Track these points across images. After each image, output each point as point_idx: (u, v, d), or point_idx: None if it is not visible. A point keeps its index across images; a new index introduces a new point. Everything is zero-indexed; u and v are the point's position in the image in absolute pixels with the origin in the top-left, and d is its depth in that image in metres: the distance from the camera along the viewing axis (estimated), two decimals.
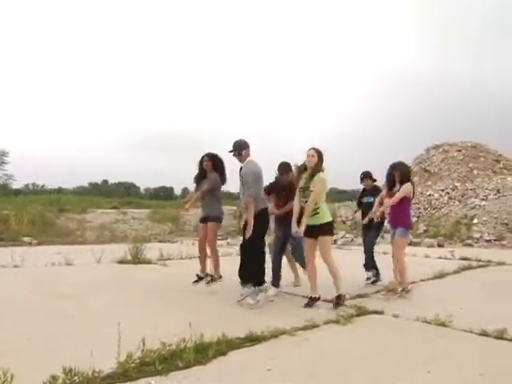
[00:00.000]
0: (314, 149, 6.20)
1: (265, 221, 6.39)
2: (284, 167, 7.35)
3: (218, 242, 8.50)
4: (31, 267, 9.58)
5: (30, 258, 10.28)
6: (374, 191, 8.26)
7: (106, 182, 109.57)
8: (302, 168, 6.30)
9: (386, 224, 7.55)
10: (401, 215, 6.91)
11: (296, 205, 6.27)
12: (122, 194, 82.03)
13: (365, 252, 8.25)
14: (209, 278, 7.25)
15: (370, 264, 8.11)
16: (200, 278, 7.32)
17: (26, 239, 16.47)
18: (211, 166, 7.29)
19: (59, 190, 61.73)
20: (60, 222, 21.37)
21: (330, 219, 6.24)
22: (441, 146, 27.12)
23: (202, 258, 7.42)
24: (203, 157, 7.36)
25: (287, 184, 7.03)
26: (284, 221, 6.84)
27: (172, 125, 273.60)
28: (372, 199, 8.14)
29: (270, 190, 7.28)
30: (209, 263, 7.44)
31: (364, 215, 8.17)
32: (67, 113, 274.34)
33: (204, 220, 7.36)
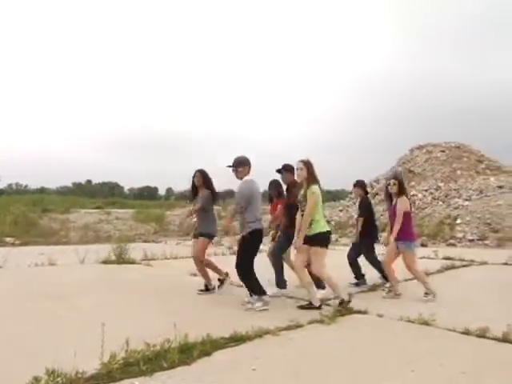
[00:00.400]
0: (301, 161, 6.16)
1: (257, 241, 6.32)
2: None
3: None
4: (14, 268, 9.50)
5: (13, 258, 10.20)
6: (360, 205, 8.26)
7: (89, 181, 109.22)
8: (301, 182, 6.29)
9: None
10: (402, 229, 6.84)
11: (298, 218, 6.27)
12: (105, 194, 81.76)
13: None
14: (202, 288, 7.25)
15: (377, 268, 8.05)
16: (207, 289, 7.26)
17: (8, 239, 16.34)
18: (202, 181, 7.28)
19: (42, 190, 61.36)
20: (43, 223, 21.21)
21: (321, 230, 6.14)
22: (424, 147, 27.33)
23: (201, 272, 7.35)
24: (195, 172, 7.34)
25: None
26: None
27: (157, 125, 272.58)
28: (358, 211, 8.26)
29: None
30: (210, 272, 7.37)
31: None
32: (51, 112, 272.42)
33: (197, 236, 7.36)
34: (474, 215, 18.88)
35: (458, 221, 18.88)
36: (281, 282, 7.09)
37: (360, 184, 8.33)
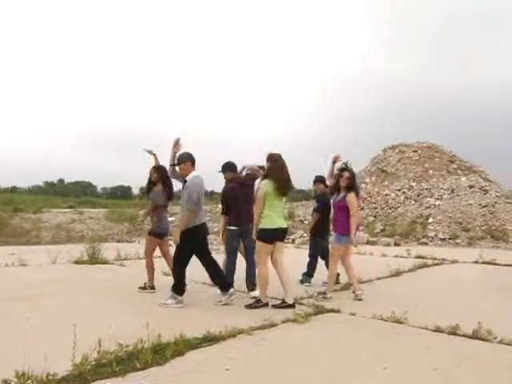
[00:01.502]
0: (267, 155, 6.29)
1: (195, 237, 6.27)
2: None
3: None
4: None
5: None
6: (319, 198, 8.30)
7: (62, 181, 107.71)
8: None
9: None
10: (342, 222, 6.84)
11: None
12: (78, 193, 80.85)
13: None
14: (142, 285, 7.24)
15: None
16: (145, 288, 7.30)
17: None
18: (157, 178, 7.22)
19: (13, 189, 60.41)
20: (14, 222, 20.86)
21: (264, 226, 6.16)
22: (397, 147, 27.57)
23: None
24: (151, 168, 7.31)
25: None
26: None
27: (130, 124, 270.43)
28: (316, 205, 8.31)
29: None
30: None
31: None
32: (21, 109, 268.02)
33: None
34: (446, 214, 19.14)
35: (430, 220, 19.12)
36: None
37: (321, 179, 8.31)
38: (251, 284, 6.89)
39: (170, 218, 7.82)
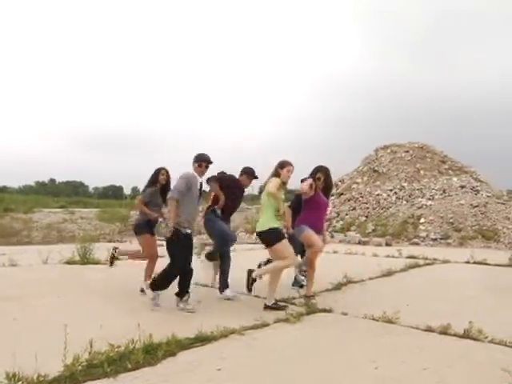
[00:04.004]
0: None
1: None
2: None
3: None
4: None
5: None
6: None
7: (53, 180, 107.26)
8: None
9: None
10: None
11: None
12: (70, 193, 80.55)
13: None
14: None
15: None
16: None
17: None
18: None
19: (3, 189, 60.08)
20: (4, 222, 20.77)
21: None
22: (389, 147, 27.64)
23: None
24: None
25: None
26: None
27: (122, 123, 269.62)
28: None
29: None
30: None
31: None
32: (12, 109, 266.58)
33: None
34: (437, 215, 19.21)
35: (422, 220, 19.18)
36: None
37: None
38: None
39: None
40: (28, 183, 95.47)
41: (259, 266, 6.88)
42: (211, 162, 6.36)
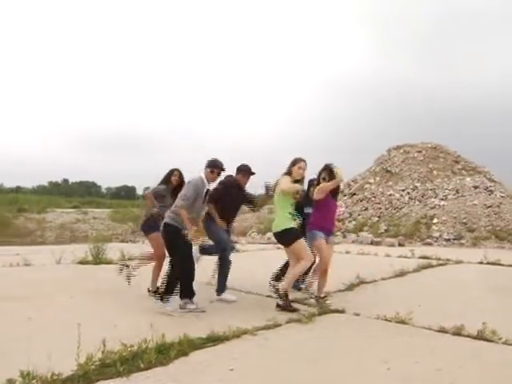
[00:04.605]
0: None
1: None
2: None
3: None
4: None
5: None
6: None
7: (66, 181, 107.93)
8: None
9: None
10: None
11: None
12: (82, 193, 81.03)
13: None
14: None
15: None
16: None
17: None
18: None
19: (18, 189, 60.53)
20: (18, 222, 20.92)
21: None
22: (402, 147, 27.53)
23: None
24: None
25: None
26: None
27: (135, 124, 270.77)
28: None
29: None
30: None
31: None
32: (27, 111, 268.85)
33: None
34: (450, 215, 19.11)
35: (435, 220, 19.09)
36: None
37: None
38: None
39: None
40: (41, 183, 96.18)
41: (277, 279, 6.75)
42: (224, 170, 6.36)
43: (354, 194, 24.76)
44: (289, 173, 6.13)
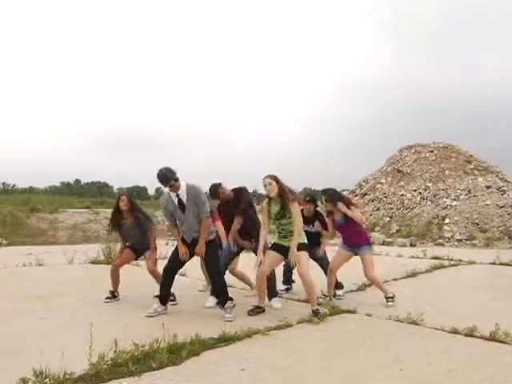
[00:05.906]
0: (268, 176, 5.77)
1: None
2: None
3: None
4: (1, 267, 9.43)
5: (0, 258, 10.12)
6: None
7: (78, 181, 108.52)
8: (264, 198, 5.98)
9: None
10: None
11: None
12: (94, 193, 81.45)
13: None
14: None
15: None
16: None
17: None
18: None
19: (30, 190, 60.90)
20: (31, 222, 21.07)
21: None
22: (413, 147, 27.42)
23: None
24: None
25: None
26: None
27: (146, 125, 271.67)
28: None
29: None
30: None
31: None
32: (40, 111, 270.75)
33: None
34: (463, 215, 19.00)
35: (447, 221, 18.99)
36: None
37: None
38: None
39: None
40: (54, 184, 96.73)
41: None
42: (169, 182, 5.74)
43: (366, 194, 24.72)
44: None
